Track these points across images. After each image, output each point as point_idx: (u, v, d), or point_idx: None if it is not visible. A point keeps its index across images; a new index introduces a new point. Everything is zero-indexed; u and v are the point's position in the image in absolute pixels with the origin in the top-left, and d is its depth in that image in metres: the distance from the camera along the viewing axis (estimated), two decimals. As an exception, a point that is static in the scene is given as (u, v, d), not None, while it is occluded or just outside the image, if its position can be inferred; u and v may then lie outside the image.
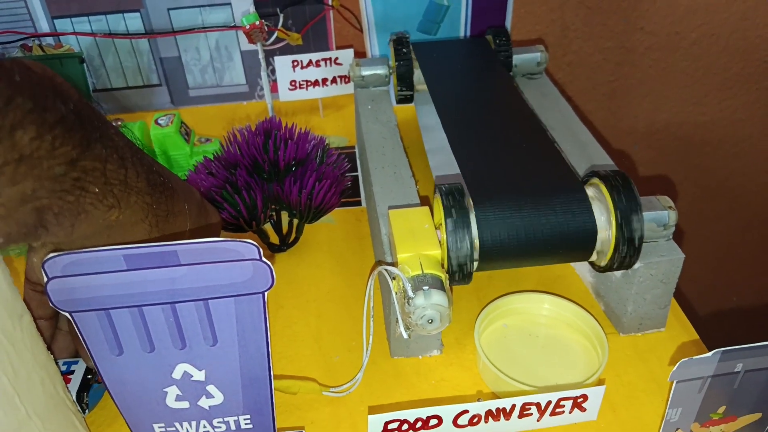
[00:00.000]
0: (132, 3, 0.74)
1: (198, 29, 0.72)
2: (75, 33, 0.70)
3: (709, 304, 1.30)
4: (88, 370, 0.42)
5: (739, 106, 1.06)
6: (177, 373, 0.34)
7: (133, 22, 0.75)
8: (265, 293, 0.32)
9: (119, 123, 0.64)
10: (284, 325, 0.50)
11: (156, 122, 0.64)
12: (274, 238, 0.57)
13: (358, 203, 0.64)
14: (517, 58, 0.66)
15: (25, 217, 0.26)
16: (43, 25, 0.75)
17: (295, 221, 0.56)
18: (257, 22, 0.58)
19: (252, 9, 0.64)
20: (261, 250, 0.31)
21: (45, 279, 0.30)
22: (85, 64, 0.71)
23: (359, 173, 0.68)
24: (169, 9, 0.74)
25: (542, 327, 0.48)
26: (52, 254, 0.30)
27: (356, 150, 0.72)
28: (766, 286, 1.28)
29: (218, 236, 0.43)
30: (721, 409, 0.34)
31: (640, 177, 1.13)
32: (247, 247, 0.31)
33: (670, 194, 1.13)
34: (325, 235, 0.59)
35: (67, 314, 0.32)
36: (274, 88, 0.77)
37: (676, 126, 1.07)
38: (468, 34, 0.75)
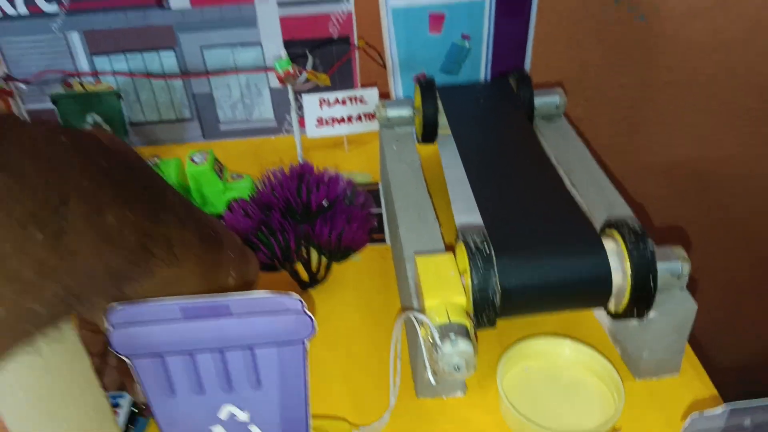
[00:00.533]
0: (167, 41, 0.78)
1: (231, 71, 0.75)
2: (114, 73, 0.73)
3: (725, 337, 1.31)
4: (134, 404, 0.44)
5: (757, 142, 1.07)
6: (223, 414, 0.37)
7: (168, 60, 0.79)
8: (306, 341, 0.35)
9: (156, 160, 0.67)
10: (315, 363, 0.52)
11: (191, 160, 0.67)
12: (304, 275, 0.59)
13: (383, 240, 0.66)
14: (537, 101, 0.68)
15: (105, 286, 0.29)
16: (83, 61, 0.78)
17: (324, 259, 0.59)
18: (290, 69, 0.61)
19: (283, 53, 0.67)
20: (304, 303, 0.33)
21: (109, 328, 0.33)
22: (121, 100, 0.74)
23: (383, 210, 0.71)
24: (202, 47, 0.78)
25: (562, 370, 0.50)
26: (115, 305, 0.33)
27: (380, 187, 0.74)
28: (782, 319, 1.29)
29: (257, 278, 0.46)
30: (732, 459, 0.36)
31: (656, 211, 1.14)
32: (291, 300, 0.33)
33: (687, 227, 1.15)
34: (351, 273, 0.62)
35: (126, 359, 0.34)
36: (301, 123, 0.80)
37: (694, 160, 1.09)
38: (488, 73, 0.78)
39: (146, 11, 0.75)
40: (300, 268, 0.59)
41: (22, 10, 0.74)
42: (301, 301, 0.33)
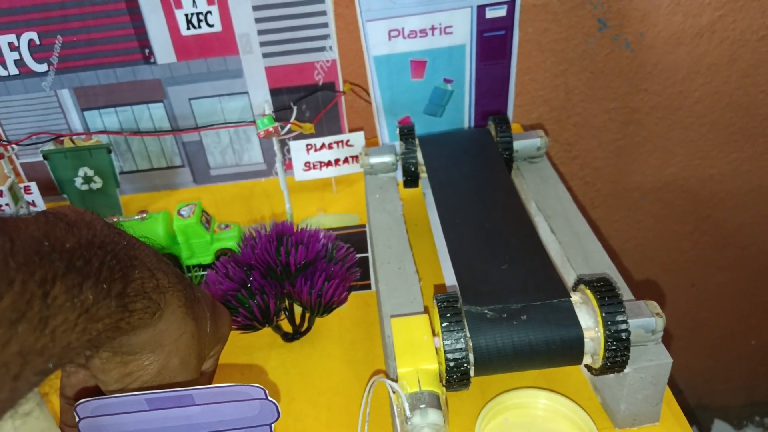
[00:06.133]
0: (155, 94, 0.79)
1: (219, 123, 0.76)
2: (106, 132, 0.75)
3: (725, 351, 1.31)
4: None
5: (745, 159, 1.07)
6: (195, 496, 0.37)
7: (157, 111, 0.80)
8: (272, 425, 0.36)
9: (144, 215, 0.68)
10: (296, 419, 0.53)
11: (179, 213, 0.68)
12: (287, 327, 0.60)
13: (368, 287, 0.67)
14: (518, 144, 0.69)
15: (85, 351, 0.30)
16: (74, 117, 0.80)
17: (307, 313, 0.59)
18: (271, 128, 0.62)
19: (267, 110, 0.68)
20: (267, 392, 0.34)
21: (77, 419, 0.34)
22: (112, 154, 0.76)
23: (369, 255, 0.71)
24: (190, 99, 0.79)
25: (540, 420, 0.51)
26: (83, 399, 0.34)
27: (367, 231, 0.75)
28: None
29: (229, 331, 0.46)
30: None
31: (648, 228, 1.15)
32: (254, 389, 0.34)
33: (680, 246, 1.15)
34: (335, 322, 0.62)
35: (96, 447, 0.35)
36: (288, 166, 0.81)
37: (684, 179, 1.10)
38: (472, 113, 0.79)
39: (134, 67, 0.77)
40: (283, 321, 0.60)
41: (13, 70, 0.76)
42: (263, 390, 0.34)
